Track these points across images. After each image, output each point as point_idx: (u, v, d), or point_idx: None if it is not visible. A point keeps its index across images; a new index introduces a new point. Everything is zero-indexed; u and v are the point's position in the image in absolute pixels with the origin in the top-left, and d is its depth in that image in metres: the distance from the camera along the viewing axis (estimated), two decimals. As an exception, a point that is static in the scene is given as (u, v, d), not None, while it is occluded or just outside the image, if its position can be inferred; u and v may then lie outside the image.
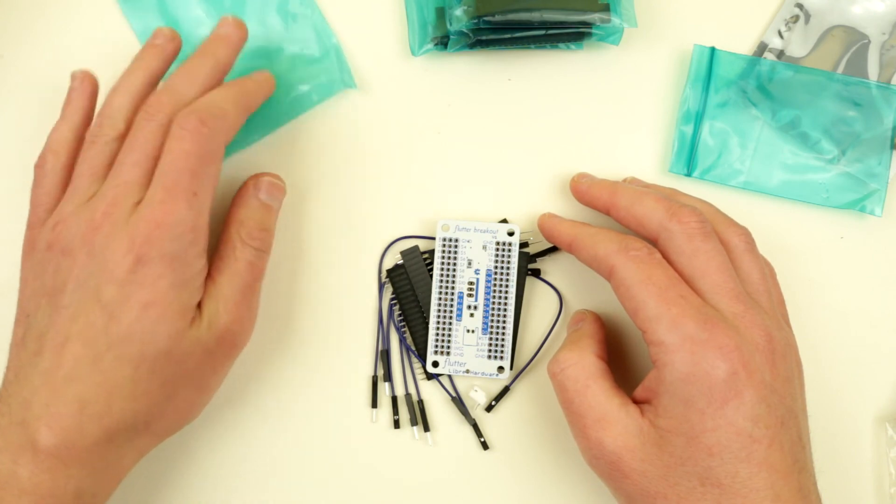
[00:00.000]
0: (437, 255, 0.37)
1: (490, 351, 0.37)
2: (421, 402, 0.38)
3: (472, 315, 0.37)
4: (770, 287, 0.33)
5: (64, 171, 0.34)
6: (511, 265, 0.37)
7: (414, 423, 0.38)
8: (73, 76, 0.36)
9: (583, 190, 0.37)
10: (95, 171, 0.33)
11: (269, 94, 0.36)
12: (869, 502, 0.38)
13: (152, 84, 0.35)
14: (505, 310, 0.37)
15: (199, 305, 0.32)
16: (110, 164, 0.33)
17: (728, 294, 0.31)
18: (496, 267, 0.37)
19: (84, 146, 0.34)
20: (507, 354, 0.37)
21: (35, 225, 0.34)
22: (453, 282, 0.37)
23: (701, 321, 0.29)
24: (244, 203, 0.35)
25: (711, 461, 0.28)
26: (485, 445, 0.37)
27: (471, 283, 0.37)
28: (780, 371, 0.30)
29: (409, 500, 0.38)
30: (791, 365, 0.31)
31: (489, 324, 0.37)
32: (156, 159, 0.32)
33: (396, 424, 0.38)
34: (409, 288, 0.37)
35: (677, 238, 0.32)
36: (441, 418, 0.38)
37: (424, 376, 0.38)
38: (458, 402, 0.38)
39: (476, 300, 0.37)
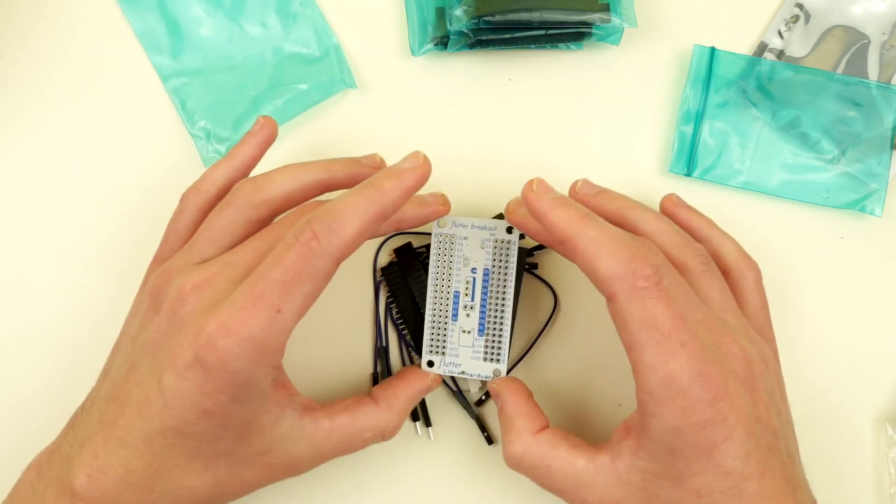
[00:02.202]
0: (433, 252, 0.35)
1: (486, 353, 0.35)
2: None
3: (468, 315, 0.35)
4: (732, 304, 0.32)
5: (199, 213, 0.33)
6: (510, 264, 0.35)
7: (415, 418, 0.38)
8: (257, 120, 0.34)
9: (522, 222, 0.34)
10: (215, 236, 0.31)
11: (416, 188, 0.29)
12: (869, 502, 0.38)
13: (325, 186, 0.33)
14: (502, 311, 0.35)
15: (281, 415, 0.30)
16: (235, 233, 0.31)
17: (704, 326, 0.29)
18: (494, 266, 0.35)
19: (221, 202, 0.32)
20: (504, 357, 0.35)
21: (157, 259, 0.33)
22: (449, 281, 0.35)
23: (695, 373, 0.27)
24: (418, 388, 0.34)
25: (701, 501, 0.28)
26: (489, 440, 0.37)
27: (467, 283, 0.35)
28: (761, 394, 0.29)
29: (412, 495, 0.37)
30: (769, 380, 0.30)
31: (486, 325, 0.35)
32: None
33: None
34: (405, 286, 0.37)
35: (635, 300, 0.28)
36: (443, 413, 0.38)
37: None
38: (460, 395, 0.38)
39: (472, 300, 0.35)
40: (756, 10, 0.42)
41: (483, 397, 0.38)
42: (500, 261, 0.35)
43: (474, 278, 0.35)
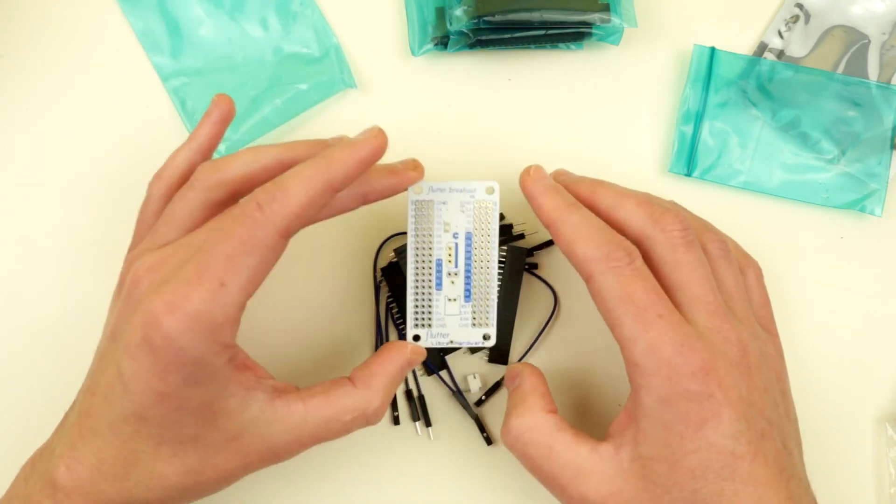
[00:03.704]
0: (410, 221, 0.34)
1: (474, 319, 0.34)
2: (422, 397, 0.38)
3: (452, 283, 0.34)
4: (743, 295, 0.33)
5: (163, 200, 0.32)
6: (492, 225, 0.34)
7: (415, 418, 0.38)
8: (212, 100, 0.33)
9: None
10: (175, 218, 0.31)
11: (370, 160, 0.29)
12: (869, 502, 0.38)
13: (287, 167, 0.30)
14: (488, 274, 0.34)
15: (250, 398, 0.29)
16: (194, 215, 0.31)
17: (707, 308, 0.30)
18: (476, 229, 0.34)
19: (184, 186, 0.31)
20: (493, 321, 0.34)
21: (129, 249, 0.33)
22: (430, 248, 0.34)
23: (677, 344, 0.29)
24: (398, 363, 0.33)
25: (696, 483, 0.28)
26: (488, 440, 0.37)
27: (449, 249, 0.34)
28: (756, 383, 0.30)
29: (412, 495, 0.37)
30: (767, 374, 0.31)
31: (472, 290, 0.34)
32: None
33: (396, 421, 0.38)
34: (405, 285, 0.37)
35: (660, 247, 0.31)
36: (442, 413, 0.38)
37: (425, 372, 0.38)
38: (460, 395, 0.38)
39: (456, 266, 0.34)
40: (756, 10, 0.42)
41: (483, 397, 0.38)
42: (482, 222, 0.34)
43: (456, 244, 0.34)
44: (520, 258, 0.37)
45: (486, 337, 0.34)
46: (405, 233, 0.38)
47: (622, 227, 0.32)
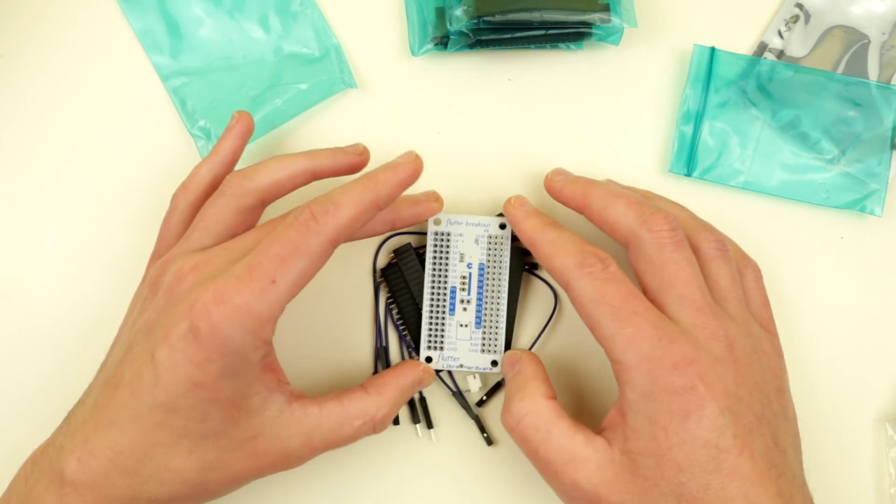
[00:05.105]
0: (430, 249, 0.37)
1: (483, 345, 0.37)
2: (423, 398, 0.38)
3: (464, 309, 0.37)
4: (739, 294, 0.33)
5: (190, 209, 0.34)
6: (503, 259, 0.37)
7: (416, 420, 0.38)
8: (233, 115, 0.36)
9: (556, 189, 0.36)
10: (209, 224, 0.32)
11: (409, 181, 0.32)
12: (869, 502, 0.38)
13: (311, 174, 0.34)
14: (498, 303, 0.37)
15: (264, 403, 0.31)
16: (227, 221, 0.32)
17: (693, 305, 0.31)
18: (489, 261, 0.37)
19: (214, 193, 0.33)
20: (501, 348, 0.37)
21: (154, 256, 0.35)
22: (446, 276, 0.37)
23: (656, 338, 0.29)
24: (410, 378, 0.35)
25: (682, 476, 0.28)
26: (489, 441, 0.37)
27: (463, 278, 0.37)
28: (745, 378, 0.30)
29: (412, 496, 0.37)
30: (759, 370, 0.31)
31: (482, 318, 0.37)
32: None
33: (396, 421, 0.38)
34: (405, 286, 0.37)
35: (647, 247, 0.32)
36: (443, 414, 0.38)
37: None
38: (460, 396, 0.38)
39: (469, 294, 0.37)
40: (756, 10, 0.42)
41: (484, 398, 0.38)
42: (495, 255, 0.37)
43: (470, 273, 0.37)
44: (520, 258, 0.38)
45: (494, 363, 0.37)
46: (404, 233, 0.38)
47: (612, 226, 0.33)
